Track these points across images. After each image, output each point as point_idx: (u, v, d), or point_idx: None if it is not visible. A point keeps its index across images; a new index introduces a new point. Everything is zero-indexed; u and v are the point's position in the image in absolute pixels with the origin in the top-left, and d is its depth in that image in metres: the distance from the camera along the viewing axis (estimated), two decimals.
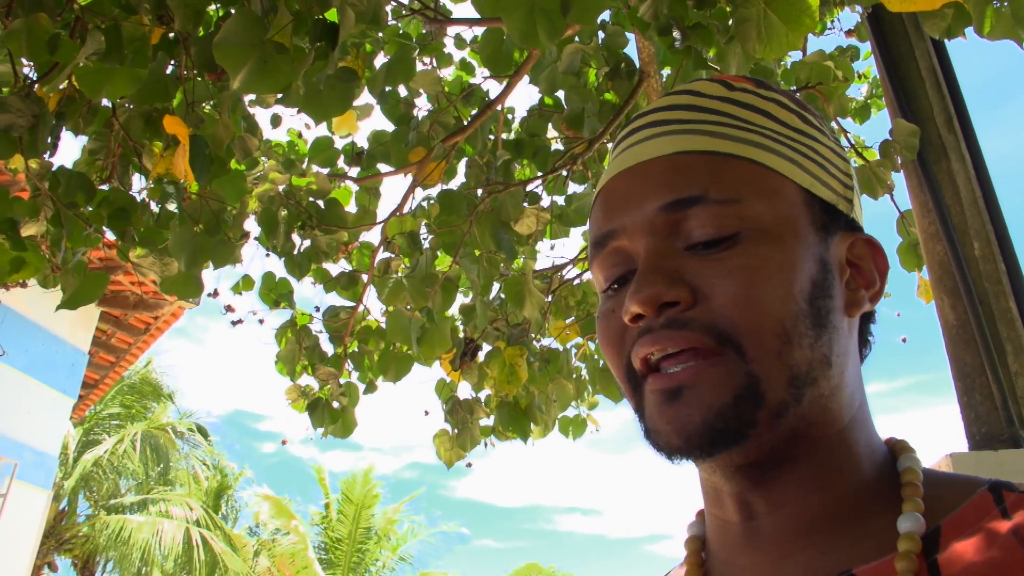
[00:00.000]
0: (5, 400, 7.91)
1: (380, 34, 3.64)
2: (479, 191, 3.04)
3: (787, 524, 0.60)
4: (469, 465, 3.77)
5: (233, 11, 2.02)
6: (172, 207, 2.32)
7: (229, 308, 3.49)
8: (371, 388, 3.74)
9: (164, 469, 15.42)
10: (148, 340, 9.44)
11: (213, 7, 2.46)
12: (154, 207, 2.78)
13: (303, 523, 18.38)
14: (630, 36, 3.18)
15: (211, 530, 14.99)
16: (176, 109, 2.47)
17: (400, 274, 3.03)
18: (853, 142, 4.18)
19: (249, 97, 3.21)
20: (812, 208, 0.63)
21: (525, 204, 3.13)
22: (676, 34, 2.32)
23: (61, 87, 2.49)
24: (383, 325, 3.59)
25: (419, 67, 3.49)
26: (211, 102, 2.49)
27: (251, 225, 3.61)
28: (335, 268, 4.01)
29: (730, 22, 2.33)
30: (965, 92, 2.76)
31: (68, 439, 14.41)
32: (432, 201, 3.16)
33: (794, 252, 0.61)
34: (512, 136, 3.84)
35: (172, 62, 2.57)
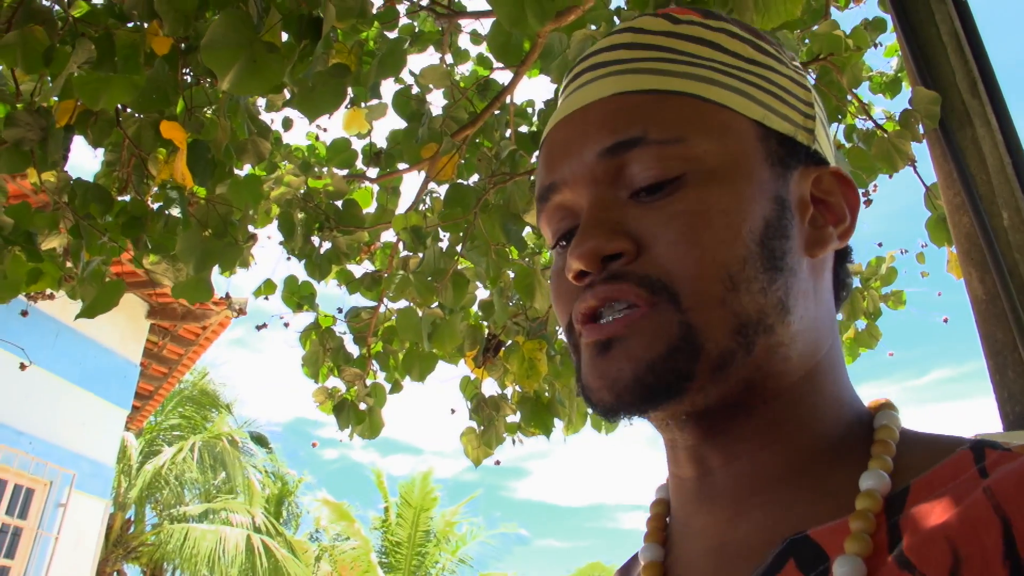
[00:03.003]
0: (62, 412, 8.15)
1: (395, 32, 3.65)
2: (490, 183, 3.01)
3: (742, 480, 0.57)
4: (498, 463, 3.74)
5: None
6: (176, 212, 2.34)
7: (240, 311, 3.52)
8: (397, 388, 3.74)
9: (226, 478, 15.71)
10: (198, 350, 9.63)
11: (210, 12, 2.48)
12: (174, 213, 2.81)
13: (363, 527, 18.59)
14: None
15: (273, 536, 15.24)
16: (180, 115, 2.50)
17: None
18: (884, 116, 4.06)
19: (261, 102, 3.24)
20: (767, 142, 0.59)
21: None
22: None
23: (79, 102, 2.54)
24: None
25: (432, 61, 3.48)
26: (212, 107, 2.50)
27: (273, 229, 3.64)
28: (361, 269, 4.03)
29: None
30: (1004, 69, 2.64)
31: (131, 450, 14.79)
32: (435, 195, 3.13)
33: (743, 192, 0.57)
34: (534, 129, 3.80)
35: (185, 69, 2.60)
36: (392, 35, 3.39)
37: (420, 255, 3.21)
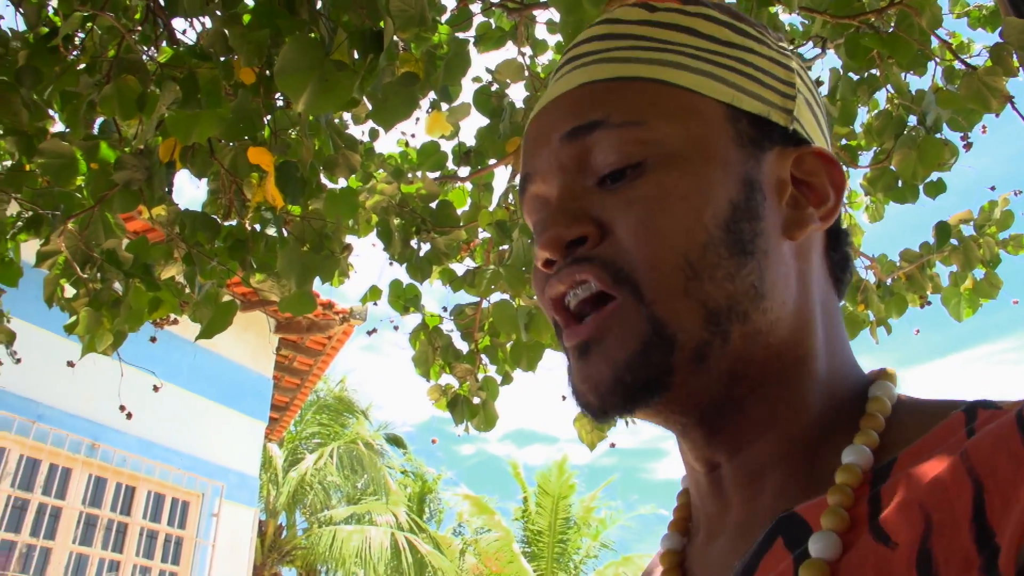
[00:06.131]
0: (207, 429, 8.68)
1: (471, 32, 3.70)
2: None
3: (743, 470, 0.57)
4: (613, 445, 3.75)
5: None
6: (272, 232, 2.46)
7: (345, 318, 3.65)
8: (507, 380, 3.80)
9: (367, 480, 16.29)
10: (326, 359, 10.02)
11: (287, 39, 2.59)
12: (271, 233, 2.96)
13: (504, 519, 18.89)
14: None
15: (416, 533, 15.70)
16: (268, 139, 2.63)
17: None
18: (986, 52, 3.83)
19: (347, 116, 3.35)
20: (736, 124, 0.59)
21: None
22: None
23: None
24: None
25: (511, 56, 3.52)
26: (295, 128, 2.62)
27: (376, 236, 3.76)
28: (463, 267, 4.11)
29: None
30: None
31: (276, 460, 15.54)
32: (514, 186, 3.17)
33: (705, 175, 0.56)
34: None
35: (276, 94, 2.74)
36: (465, 36, 3.45)
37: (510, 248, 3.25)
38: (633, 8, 0.65)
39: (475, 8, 3.73)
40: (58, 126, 2.93)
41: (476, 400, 3.78)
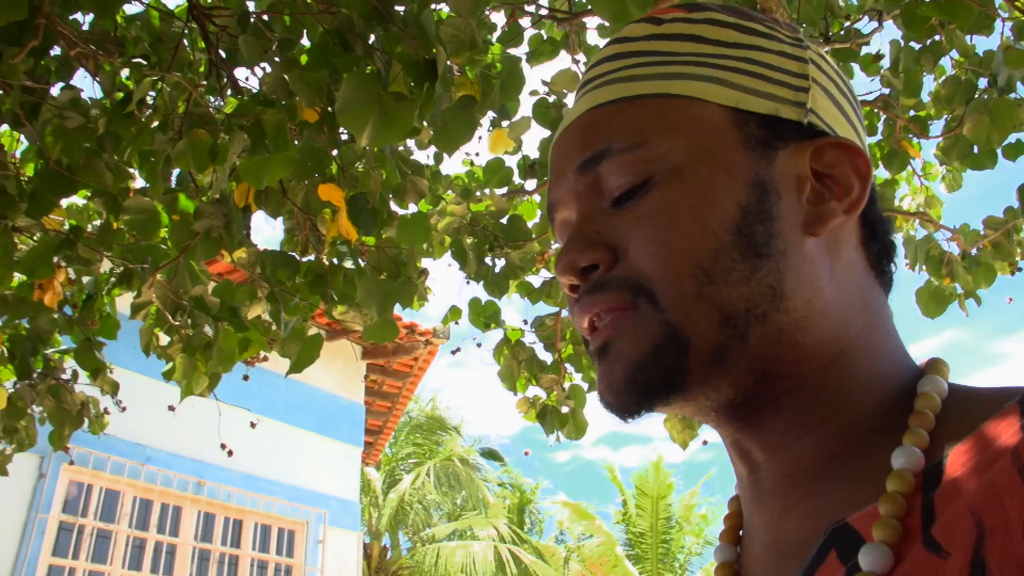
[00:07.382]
0: (306, 459, 8.91)
1: (523, 46, 3.74)
2: None
3: (784, 473, 0.56)
4: (705, 443, 3.72)
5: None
6: (349, 264, 2.53)
7: (428, 340, 3.71)
8: (594, 386, 3.80)
9: (466, 496, 16.42)
10: (414, 381, 10.19)
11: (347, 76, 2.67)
12: (348, 265, 3.04)
13: (605, 523, 18.79)
14: None
15: (518, 544, 15.73)
16: (336, 175, 2.71)
17: None
18: None
19: (411, 142, 3.42)
20: (744, 127, 0.58)
21: None
22: None
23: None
24: None
25: (563, 66, 3.54)
26: (361, 161, 2.69)
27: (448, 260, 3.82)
28: (539, 279, 4.14)
29: None
30: None
31: (374, 483, 15.80)
32: None
33: (710, 182, 0.56)
34: None
35: (341, 131, 2.82)
36: (517, 52, 3.48)
37: None
38: (641, 24, 0.65)
39: (525, 22, 3.76)
40: (139, 182, 3.08)
41: (565, 409, 3.79)
